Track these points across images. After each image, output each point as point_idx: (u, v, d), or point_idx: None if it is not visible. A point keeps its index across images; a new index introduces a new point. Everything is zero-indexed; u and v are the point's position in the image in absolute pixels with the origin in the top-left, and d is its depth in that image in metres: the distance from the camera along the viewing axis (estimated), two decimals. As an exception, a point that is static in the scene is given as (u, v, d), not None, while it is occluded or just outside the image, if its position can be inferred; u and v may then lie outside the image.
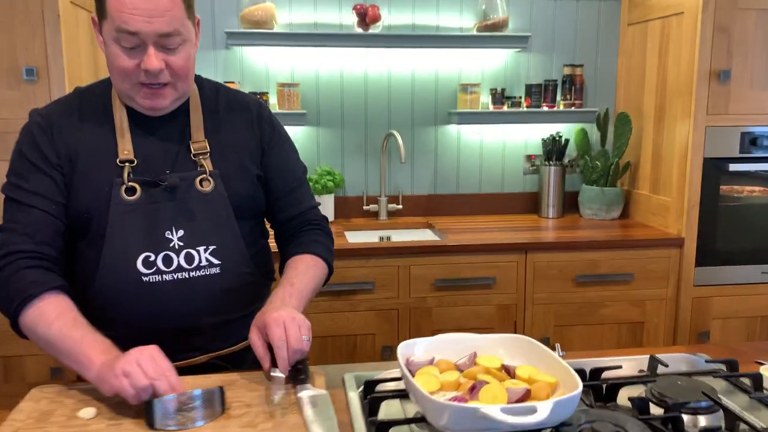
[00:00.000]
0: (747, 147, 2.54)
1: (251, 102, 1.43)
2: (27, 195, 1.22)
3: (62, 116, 1.29)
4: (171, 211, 1.26)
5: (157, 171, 1.27)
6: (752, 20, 2.46)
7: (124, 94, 1.26)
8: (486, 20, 2.79)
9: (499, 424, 0.90)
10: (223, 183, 1.31)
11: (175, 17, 1.18)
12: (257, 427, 1.00)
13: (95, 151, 1.26)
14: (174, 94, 1.26)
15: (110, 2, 1.16)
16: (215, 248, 1.29)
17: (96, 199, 1.24)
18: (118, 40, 1.18)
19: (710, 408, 1.08)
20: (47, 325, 1.13)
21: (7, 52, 2.10)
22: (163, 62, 1.20)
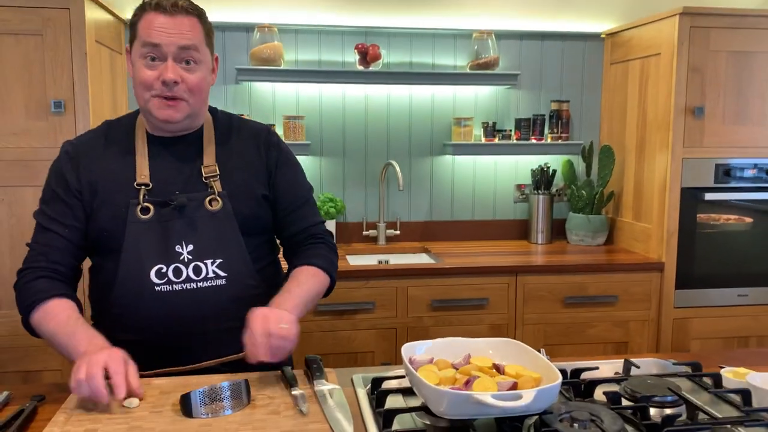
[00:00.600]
0: (721, 177, 2.73)
1: (260, 129, 1.58)
2: (47, 219, 1.42)
3: (89, 146, 1.47)
4: (181, 228, 1.41)
5: (169, 192, 1.42)
6: (723, 61, 2.67)
7: (144, 108, 1.43)
8: (478, 59, 3.00)
9: (490, 408, 1.04)
10: (230, 202, 1.45)
11: (194, 36, 1.39)
12: (281, 414, 1.15)
13: (116, 176, 1.43)
14: (186, 109, 1.42)
15: (141, 23, 1.38)
16: (221, 261, 1.42)
17: (114, 218, 1.40)
18: (143, 54, 1.37)
19: (675, 402, 1.23)
20: (48, 323, 1.32)
21: (37, 86, 2.27)
22: (180, 76, 1.38)
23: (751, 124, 2.72)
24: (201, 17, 1.43)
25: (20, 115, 2.27)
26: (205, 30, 1.43)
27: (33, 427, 1.16)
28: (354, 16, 3.01)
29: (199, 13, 1.43)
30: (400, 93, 3.10)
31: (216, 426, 1.10)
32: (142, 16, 1.39)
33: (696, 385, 1.34)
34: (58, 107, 2.28)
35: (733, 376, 1.33)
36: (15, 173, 2.29)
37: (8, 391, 1.29)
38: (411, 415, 1.18)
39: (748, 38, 2.67)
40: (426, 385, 1.09)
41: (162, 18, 1.36)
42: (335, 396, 1.21)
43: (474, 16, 3.08)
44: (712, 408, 1.21)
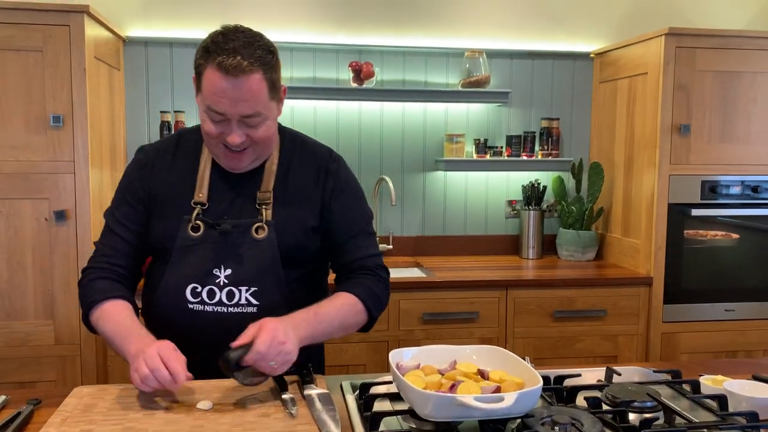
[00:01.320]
0: (707, 194, 2.78)
1: (322, 155, 1.55)
2: (114, 221, 1.49)
3: (159, 155, 1.52)
4: (223, 252, 1.43)
5: (221, 214, 1.45)
6: (708, 80, 2.74)
7: (209, 149, 1.46)
8: (470, 77, 3.06)
9: (473, 410, 1.08)
10: (276, 232, 1.44)
11: (258, 102, 1.33)
12: (271, 416, 1.18)
13: (177, 190, 1.47)
14: (253, 156, 1.44)
15: (205, 82, 1.33)
16: (256, 290, 1.42)
17: (167, 230, 1.45)
18: (208, 113, 1.36)
19: (653, 407, 1.27)
20: (105, 323, 1.38)
21: (37, 101, 2.32)
22: (245, 136, 1.37)
23: (737, 142, 2.78)
24: (264, 68, 1.33)
25: (20, 129, 2.32)
26: (269, 82, 1.35)
27: (29, 429, 1.19)
28: (348, 35, 3.08)
29: (262, 64, 1.33)
30: (393, 110, 3.16)
31: (207, 427, 1.14)
32: (207, 68, 1.32)
33: (675, 392, 1.38)
34: (57, 122, 2.33)
35: (712, 383, 1.37)
36: (13, 186, 2.33)
37: (5, 396, 1.32)
38: (397, 418, 1.22)
39: (733, 58, 2.74)
40: (411, 388, 1.13)
41: (224, 82, 1.29)
42: (324, 400, 1.25)
43: (466, 36, 3.15)
44: (689, 413, 1.25)
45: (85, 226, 2.38)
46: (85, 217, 2.38)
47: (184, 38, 2.93)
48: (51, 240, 2.37)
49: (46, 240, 2.37)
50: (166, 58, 2.97)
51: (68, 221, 2.37)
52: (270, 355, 1.22)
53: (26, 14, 2.28)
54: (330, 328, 1.40)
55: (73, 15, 2.31)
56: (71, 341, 2.41)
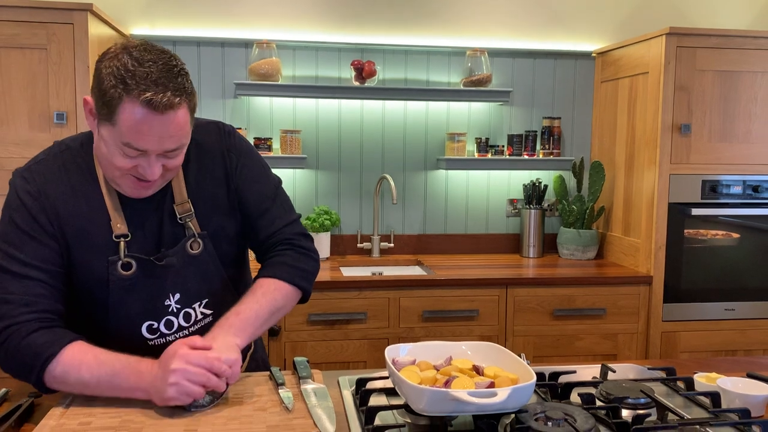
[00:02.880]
0: (707, 193, 2.79)
1: (216, 135, 1.40)
2: (20, 266, 1.22)
3: (49, 181, 1.28)
4: (166, 280, 1.32)
5: (149, 243, 1.31)
6: (709, 80, 2.74)
7: (110, 178, 1.27)
8: (471, 76, 3.07)
9: (467, 404, 1.10)
10: (212, 242, 1.36)
11: (183, 135, 1.21)
12: (267, 410, 1.20)
13: (88, 222, 1.28)
14: (162, 183, 1.29)
15: (123, 117, 1.14)
16: (207, 300, 1.38)
17: (94, 273, 1.28)
18: (121, 148, 1.17)
19: (647, 404, 1.28)
20: (78, 372, 1.18)
21: (40, 98, 2.34)
22: (162, 167, 1.22)
23: (737, 141, 2.78)
24: (189, 99, 1.20)
25: (23, 126, 2.34)
26: (191, 112, 1.23)
27: (30, 422, 1.21)
28: (350, 33, 3.09)
29: (187, 95, 1.19)
30: (395, 108, 3.17)
31: (204, 421, 1.15)
32: (123, 102, 1.13)
33: (669, 389, 1.39)
34: (61, 119, 2.35)
35: (706, 380, 1.38)
36: (17, 182, 2.35)
37: (6, 388, 1.34)
38: (392, 412, 1.23)
39: (734, 58, 2.74)
40: (406, 383, 1.14)
41: (152, 120, 1.14)
42: (320, 394, 1.26)
43: (468, 35, 3.16)
44: (682, 410, 1.26)
45: (87, 222, 2.40)
46: (88, 214, 2.40)
47: (187, 36, 2.94)
48: (54, 236, 2.39)
49: (49, 236, 2.39)
50: (169, 56, 2.98)
51: (71, 218, 2.39)
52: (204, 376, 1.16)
53: (30, 12, 2.30)
54: (260, 321, 1.32)
55: (77, 13, 2.33)
56: (74, 337, 2.42)
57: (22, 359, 1.18)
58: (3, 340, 1.19)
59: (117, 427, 1.13)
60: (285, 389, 1.28)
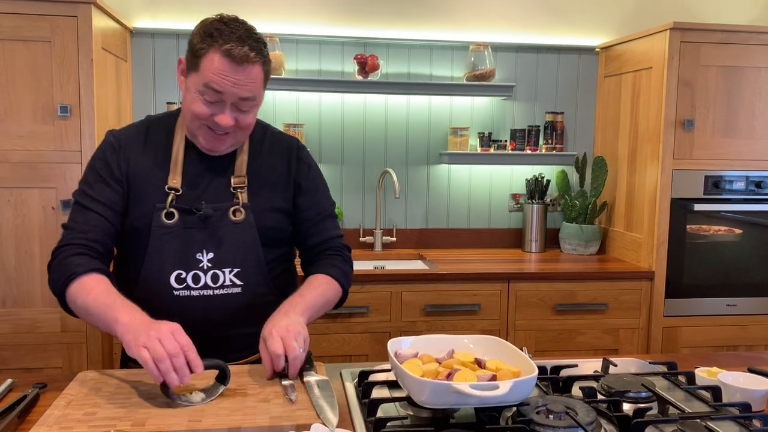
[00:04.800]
0: (710, 189, 2.79)
1: (292, 144, 1.62)
2: (89, 200, 1.44)
3: (131, 140, 1.50)
4: (203, 236, 1.45)
5: (196, 199, 1.46)
6: (713, 75, 2.74)
7: (190, 131, 1.47)
8: (475, 71, 3.07)
9: (469, 397, 1.10)
10: (253, 214, 1.49)
11: (256, 88, 1.41)
12: (270, 402, 1.21)
13: (150, 175, 1.46)
14: (232, 142, 1.48)
15: (206, 62, 1.36)
16: (239, 270, 1.47)
17: (142, 218, 1.44)
18: (202, 93, 1.38)
19: (648, 398, 1.29)
20: (85, 295, 1.32)
21: (44, 91, 2.34)
22: (234, 119, 1.41)
23: (740, 137, 2.78)
24: (264, 60, 1.42)
25: (27, 119, 2.35)
26: (265, 74, 1.44)
27: (35, 412, 1.22)
28: (353, 27, 3.09)
29: (263, 59, 1.42)
30: (397, 103, 3.17)
31: (208, 411, 1.16)
32: (209, 52, 1.37)
33: (671, 383, 1.40)
34: (64, 112, 2.35)
35: (707, 375, 1.38)
36: (21, 175, 2.36)
37: (12, 379, 1.35)
38: (395, 404, 1.24)
39: (738, 53, 2.74)
40: (409, 375, 1.15)
41: (230, 67, 1.36)
42: (323, 386, 1.27)
43: (471, 29, 3.16)
44: (683, 404, 1.27)
45: (91, 215, 2.41)
46: (92, 207, 2.41)
47: (190, 30, 2.92)
48: (58, 229, 2.40)
49: (53, 228, 2.40)
50: (172, 49, 2.99)
51: (75, 210, 2.40)
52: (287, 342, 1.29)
53: (34, 5, 2.30)
54: (317, 307, 1.48)
55: (81, 6, 2.33)
56: (77, 329, 2.44)
57: (58, 273, 1.37)
58: (54, 257, 1.41)
59: (122, 417, 1.13)
60: (288, 380, 1.29)
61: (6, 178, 2.35)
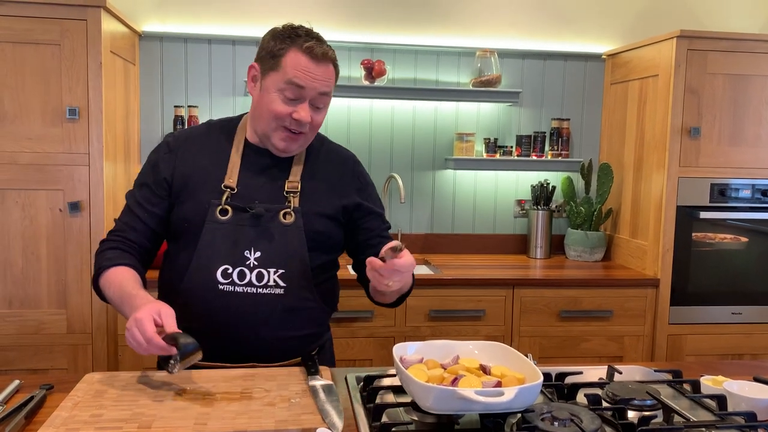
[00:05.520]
0: (716, 197, 2.78)
1: (348, 157, 1.69)
2: (134, 202, 1.55)
3: (189, 140, 1.59)
4: (253, 235, 1.49)
5: (250, 199, 1.52)
6: (720, 83, 2.74)
7: (265, 133, 1.52)
8: (481, 76, 3.08)
9: (474, 403, 1.10)
10: (303, 219, 1.52)
11: (331, 83, 1.51)
12: (276, 405, 1.21)
13: (207, 173, 1.53)
14: (303, 142, 1.55)
15: (288, 60, 1.45)
16: (283, 272, 1.49)
17: (196, 213, 1.50)
18: (283, 90, 1.46)
19: (653, 406, 1.29)
20: (110, 287, 1.44)
21: (53, 93, 2.36)
22: (311, 117, 1.48)
23: (746, 145, 2.78)
24: (336, 65, 1.53)
25: (37, 121, 2.36)
26: (336, 75, 1.54)
27: (42, 413, 1.23)
28: (360, 32, 3.10)
29: (336, 62, 1.53)
30: (404, 108, 3.18)
31: (214, 415, 1.17)
32: (290, 51, 1.46)
33: (676, 391, 1.39)
34: (73, 114, 2.37)
35: (712, 383, 1.38)
36: (30, 177, 2.38)
37: (19, 380, 1.36)
38: (399, 410, 1.24)
39: (745, 61, 2.74)
40: (414, 381, 1.15)
41: (312, 64, 1.45)
42: (328, 391, 1.27)
43: (477, 35, 3.17)
44: (688, 412, 1.27)
45: (98, 217, 2.42)
46: (99, 209, 2.42)
47: (198, 34, 2.96)
48: (65, 230, 2.41)
49: (60, 230, 2.41)
50: (180, 53, 3.01)
51: (82, 212, 2.41)
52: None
53: (44, 8, 2.32)
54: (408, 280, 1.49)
55: (91, 10, 2.35)
56: (83, 330, 2.45)
57: (95, 265, 1.51)
58: (98, 248, 1.54)
59: (128, 419, 1.14)
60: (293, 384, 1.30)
61: (14, 179, 2.37)
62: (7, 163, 2.36)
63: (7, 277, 2.41)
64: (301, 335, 1.54)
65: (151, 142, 3.00)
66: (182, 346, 1.22)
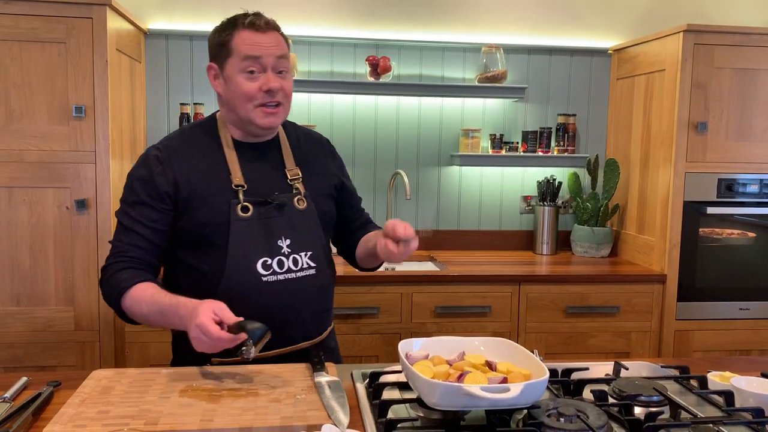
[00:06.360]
0: (723, 192, 2.77)
1: (322, 137, 1.79)
2: (130, 221, 1.51)
3: (176, 148, 1.57)
4: (280, 224, 1.56)
5: (263, 193, 1.56)
6: (727, 78, 2.72)
7: (244, 118, 1.55)
8: (486, 72, 3.07)
9: (480, 399, 1.10)
10: (313, 202, 1.62)
11: (284, 46, 1.56)
12: (282, 402, 1.21)
13: (209, 177, 1.54)
14: (283, 114, 1.59)
15: (236, 40, 1.51)
16: (312, 253, 1.59)
17: (215, 215, 1.52)
18: (243, 68, 1.51)
19: (660, 402, 1.28)
20: (140, 305, 1.43)
21: (60, 91, 2.37)
22: (279, 83, 1.53)
23: (754, 140, 2.76)
24: (281, 32, 1.58)
25: (43, 119, 2.37)
26: (287, 46, 1.59)
27: (49, 409, 1.23)
28: (365, 29, 3.10)
29: (280, 29, 1.58)
30: (409, 104, 3.18)
31: (221, 411, 1.17)
32: (235, 34, 1.52)
33: (683, 387, 1.39)
34: (79, 112, 2.37)
35: (720, 379, 1.38)
36: (36, 175, 2.38)
37: (26, 377, 1.37)
38: (405, 406, 1.25)
39: (752, 56, 2.72)
40: (419, 377, 1.15)
41: (258, 35, 1.51)
42: (333, 387, 1.28)
43: (483, 31, 3.16)
44: (695, 408, 1.26)
45: (105, 215, 2.43)
46: (106, 207, 2.43)
47: (204, 31, 2.96)
48: (72, 228, 2.42)
49: (67, 228, 2.42)
50: (186, 50, 3.01)
51: (89, 210, 2.42)
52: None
53: (50, 7, 2.32)
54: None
55: (96, 8, 2.35)
56: (90, 327, 2.46)
57: (110, 289, 1.48)
58: (103, 274, 1.51)
59: (134, 415, 1.15)
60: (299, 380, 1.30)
61: (21, 177, 2.38)
62: (14, 161, 2.37)
63: (14, 274, 2.42)
64: (327, 308, 1.67)
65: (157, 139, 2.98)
66: (251, 332, 1.25)
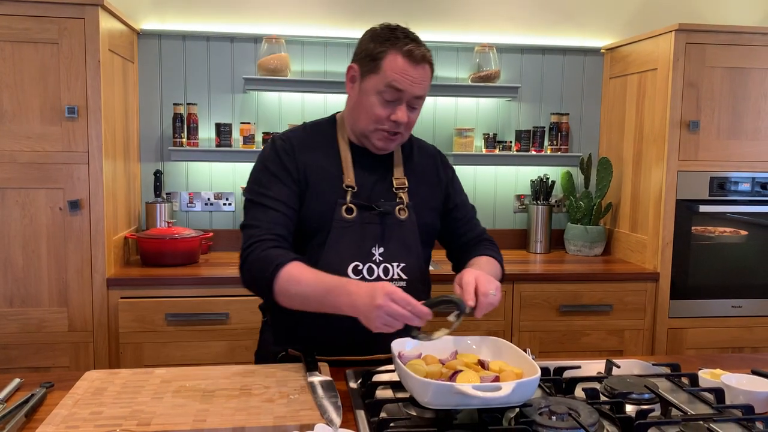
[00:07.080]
0: (716, 190, 2.78)
1: (435, 150, 1.76)
2: (268, 199, 1.51)
3: (300, 142, 1.59)
4: (377, 231, 1.55)
5: (369, 198, 1.56)
6: (719, 77, 2.73)
7: (363, 133, 1.56)
8: (480, 72, 3.07)
9: (471, 398, 1.11)
10: (415, 213, 1.60)
11: (428, 86, 1.54)
12: (275, 402, 1.22)
13: (325, 174, 1.56)
14: (399, 142, 1.59)
15: (387, 63, 1.48)
16: (404, 266, 1.56)
17: (323, 212, 1.53)
18: (382, 93, 1.49)
19: (651, 399, 1.29)
20: (297, 284, 1.39)
21: (52, 92, 2.36)
22: (408, 118, 1.52)
23: (746, 138, 2.78)
24: (432, 66, 1.55)
25: (36, 120, 2.36)
26: (431, 75, 1.56)
27: (42, 411, 1.23)
28: (359, 28, 3.06)
29: (432, 63, 1.55)
30: (403, 104, 3.17)
31: (213, 412, 1.17)
32: (389, 53, 1.48)
33: (674, 385, 1.40)
34: (72, 113, 2.37)
35: (710, 377, 1.39)
36: (29, 175, 2.38)
37: (20, 378, 1.37)
38: (398, 405, 1.25)
39: (743, 55, 2.73)
40: (412, 376, 1.16)
41: (410, 67, 1.48)
42: (326, 386, 1.28)
43: (476, 30, 3.17)
44: (686, 405, 1.27)
45: (98, 215, 2.43)
46: (99, 207, 2.43)
47: (197, 31, 2.96)
48: (65, 229, 2.42)
49: (60, 229, 2.42)
50: (179, 51, 3.01)
51: (82, 211, 2.42)
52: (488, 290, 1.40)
53: (42, 7, 2.32)
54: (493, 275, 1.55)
55: (89, 8, 2.35)
56: (84, 328, 2.46)
57: (260, 267, 1.42)
58: (248, 253, 1.45)
59: (127, 416, 1.15)
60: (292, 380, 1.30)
61: (14, 178, 2.37)
62: (6, 162, 2.36)
63: (7, 275, 2.41)
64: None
65: (150, 140, 3.01)
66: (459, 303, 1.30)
